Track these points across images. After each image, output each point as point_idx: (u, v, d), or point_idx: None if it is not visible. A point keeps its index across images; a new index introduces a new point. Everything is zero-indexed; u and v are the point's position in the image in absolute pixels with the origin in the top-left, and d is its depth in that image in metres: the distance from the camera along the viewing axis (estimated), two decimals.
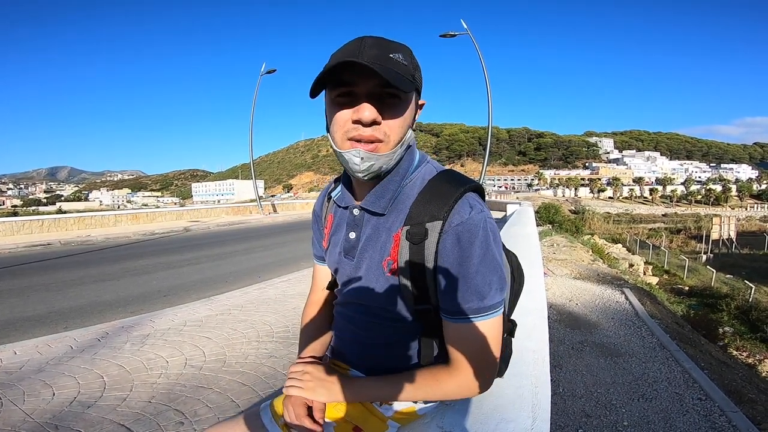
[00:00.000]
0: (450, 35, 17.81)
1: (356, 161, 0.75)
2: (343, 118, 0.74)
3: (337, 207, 0.95)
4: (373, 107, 0.72)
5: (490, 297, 0.75)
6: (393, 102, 0.74)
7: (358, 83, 0.72)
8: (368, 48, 0.71)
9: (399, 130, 0.76)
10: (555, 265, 9.33)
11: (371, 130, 0.73)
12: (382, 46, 0.73)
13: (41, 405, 2.49)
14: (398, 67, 0.72)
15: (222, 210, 22.15)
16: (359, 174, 0.77)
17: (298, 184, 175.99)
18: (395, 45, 0.75)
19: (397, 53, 0.73)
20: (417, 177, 0.83)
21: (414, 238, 0.76)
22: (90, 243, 11.46)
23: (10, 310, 4.95)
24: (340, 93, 0.74)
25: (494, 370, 0.79)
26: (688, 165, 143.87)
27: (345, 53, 0.72)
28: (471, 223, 0.73)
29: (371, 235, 0.84)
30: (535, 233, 5.34)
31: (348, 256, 0.88)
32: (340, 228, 0.92)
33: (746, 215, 79.29)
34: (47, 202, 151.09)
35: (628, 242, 28.57)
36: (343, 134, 0.75)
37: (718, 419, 3.37)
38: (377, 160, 0.75)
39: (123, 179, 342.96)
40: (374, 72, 0.68)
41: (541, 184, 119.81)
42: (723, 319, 10.56)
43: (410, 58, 0.76)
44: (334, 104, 0.75)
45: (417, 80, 0.77)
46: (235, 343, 3.52)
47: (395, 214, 0.81)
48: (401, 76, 0.71)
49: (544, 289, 2.00)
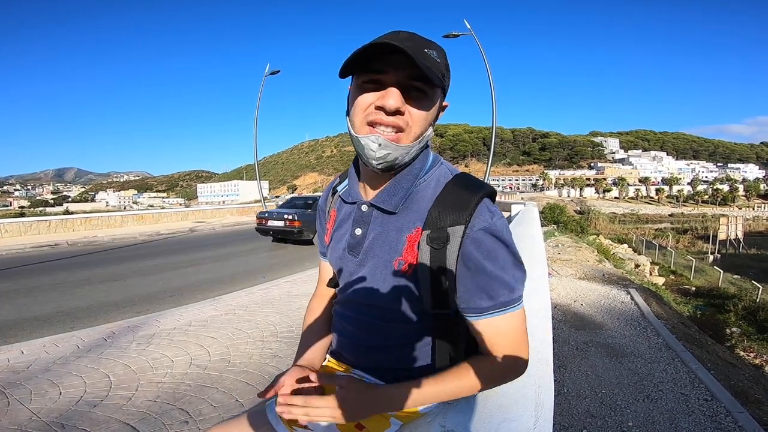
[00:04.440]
0: (453, 35, 17.78)
1: (373, 147, 0.74)
2: (366, 101, 0.74)
3: (342, 202, 0.93)
4: (399, 95, 0.72)
5: (517, 290, 0.77)
6: (419, 96, 0.74)
7: (388, 72, 0.71)
8: (404, 40, 0.71)
9: (422, 123, 0.76)
10: (560, 266, 9.29)
11: (393, 118, 0.73)
12: (417, 41, 0.73)
13: (48, 404, 2.51)
14: (430, 61, 0.71)
15: (227, 211, 22.26)
16: (374, 161, 0.76)
17: (302, 184, 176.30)
18: (430, 42, 0.75)
19: (432, 50, 0.73)
20: (431, 178, 0.83)
21: (435, 243, 0.76)
22: (97, 243, 11.54)
23: (17, 310, 4.99)
24: (368, 80, 0.73)
25: (528, 351, 0.81)
26: (695, 165, 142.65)
27: (383, 39, 0.71)
28: (495, 228, 0.75)
29: (380, 233, 0.83)
30: (540, 234, 5.33)
31: (352, 253, 0.87)
32: (345, 223, 0.91)
33: (753, 215, 78.68)
34: (54, 203, 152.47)
35: (634, 242, 28.41)
36: (363, 118, 0.74)
37: (724, 420, 3.35)
38: (395, 150, 0.75)
39: (129, 180, 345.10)
40: (406, 63, 0.68)
41: (545, 184, 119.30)
42: (730, 319, 10.47)
43: (443, 57, 0.76)
44: (359, 89, 0.75)
45: (446, 80, 0.76)
46: (240, 343, 3.54)
47: (407, 213, 0.81)
48: (432, 70, 0.70)
49: (549, 290, 2.00)
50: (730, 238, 33.56)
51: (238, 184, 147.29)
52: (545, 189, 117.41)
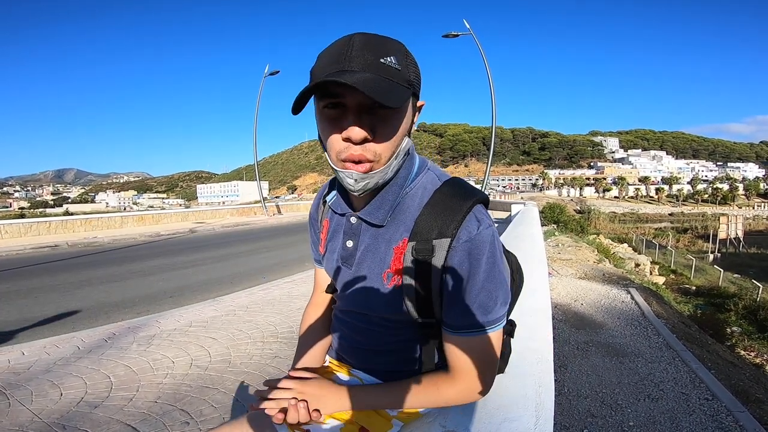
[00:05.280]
0: (453, 35, 17.81)
1: (351, 182, 0.72)
2: (334, 140, 0.70)
3: (333, 212, 0.93)
4: (361, 128, 0.67)
5: (494, 312, 0.75)
6: (385, 113, 0.69)
7: (346, 95, 0.66)
8: (357, 52, 0.66)
9: (392, 144, 0.72)
10: (560, 265, 9.29)
11: (360, 148, 0.69)
12: (372, 47, 0.67)
13: (49, 405, 2.51)
14: (390, 73, 0.67)
15: (227, 211, 22.25)
16: (355, 192, 0.74)
17: (302, 185, 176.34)
18: (387, 45, 0.69)
19: (389, 56, 0.68)
20: (417, 186, 0.80)
21: (420, 254, 0.75)
22: (97, 244, 11.55)
23: (18, 311, 4.99)
24: (327, 104, 0.69)
25: (493, 375, 0.80)
26: (695, 164, 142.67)
27: (332, 59, 0.68)
28: (479, 240, 0.72)
29: (370, 245, 0.82)
30: (540, 233, 5.33)
31: (346, 264, 0.87)
32: (337, 234, 0.90)
33: (754, 214, 78.71)
34: (54, 204, 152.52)
35: (634, 242, 28.41)
36: (336, 154, 0.71)
37: (724, 419, 3.35)
38: (371, 178, 0.72)
39: (129, 181, 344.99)
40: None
41: (545, 183, 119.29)
42: (731, 319, 10.48)
43: (404, 58, 0.70)
44: (322, 116, 0.71)
45: (413, 83, 0.72)
46: (240, 343, 3.54)
47: (395, 225, 0.79)
48: (393, 87, 0.66)
49: (549, 290, 2.00)
50: (730, 238, 33.55)
51: (238, 185, 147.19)
52: (545, 188, 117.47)
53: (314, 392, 0.81)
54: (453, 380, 0.78)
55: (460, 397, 0.79)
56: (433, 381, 0.80)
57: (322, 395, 0.81)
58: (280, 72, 22.40)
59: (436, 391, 0.79)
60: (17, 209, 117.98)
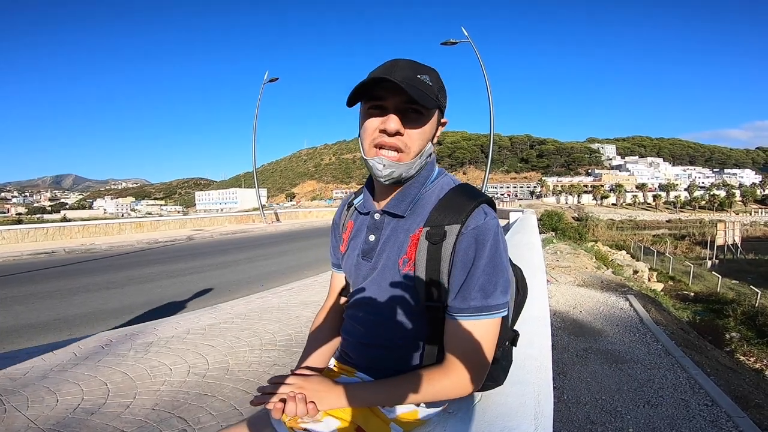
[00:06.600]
0: (451, 43, 17.94)
1: (379, 167, 0.86)
2: (371, 126, 0.86)
3: (358, 214, 1.03)
4: (398, 119, 0.83)
5: (494, 297, 0.81)
6: (416, 117, 0.85)
7: (388, 98, 0.83)
8: (400, 69, 0.83)
9: (418, 142, 0.87)
10: (558, 273, 9.30)
11: (394, 139, 0.84)
12: (413, 68, 0.85)
13: (45, 411, 2.49)
14: (424, 86, 0.83)
15: (225, 219, 22.23)
16: (382, 178, 0.87)
17: (300, 192, 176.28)
18: (424, 68, 0.87)
19: (425, 75, 0.85)
20: (436, 186, 0.93)
21: (433, 239, 0.84)
22: (94, 251, 11.51)
23: (14, 318, 4.97)
24: (372, 105, 0.85)
25: (485, 370, 0.83)
26: (691, 170, 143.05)
27: (379, 72, 0.83)
28: (485, 227, 0.82)
29: (390, 235, 0.91)
30: (538, 241, 5.34)
31: (366, 258, 0.95)
32: (360, 232, 1.00)
33: (751, 220, 78.88)
34: (52, 210, 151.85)
35: (632, 249, 28.47)
36: (370, 141, 0.86)
37: (724, 425, 3.34)
38: (398, 168, 0.86)
39: (127, 187, 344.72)
40: (402, 89, 0.79)
41: (543, 191, 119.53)
42: (729, 324, 10.48)
43: (436, 80, 0.87)
44: (366, 115, 0.87)
45: (440, 100, 0.88)
46: (238, 351, 3.52)
47: (414, 217, 0.90)
48: (425, 94, 0.82)
49: (547, 297, 2.00)
50: (727, 244, 33.56)
51: (237, 192, 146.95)
52: (543, 196, 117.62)
53: (313, 387, 0.85)
54: (447, 370, 0.82)
55: (453, 386, 0.82)
56: (427, 373, 0.83)
57: (320, 390, 0.84)
58: (279, 79, 22.51)
59: (430, 382, 0.81)
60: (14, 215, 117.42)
